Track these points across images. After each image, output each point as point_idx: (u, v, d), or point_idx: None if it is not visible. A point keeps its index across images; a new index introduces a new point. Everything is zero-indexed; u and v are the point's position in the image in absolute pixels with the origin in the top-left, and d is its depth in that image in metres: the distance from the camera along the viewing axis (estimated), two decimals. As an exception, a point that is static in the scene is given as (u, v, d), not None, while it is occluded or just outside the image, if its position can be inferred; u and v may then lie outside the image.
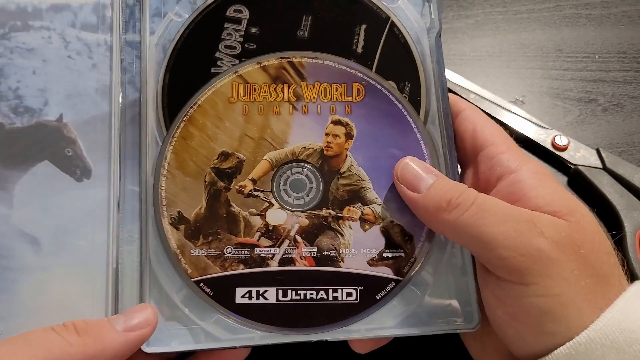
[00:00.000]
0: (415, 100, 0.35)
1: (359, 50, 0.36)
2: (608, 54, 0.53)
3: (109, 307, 0.32)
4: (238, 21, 0.36)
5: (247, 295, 0.32)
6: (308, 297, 0.32)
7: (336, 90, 0.35)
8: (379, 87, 0.34)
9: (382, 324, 0.32)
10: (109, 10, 0.36)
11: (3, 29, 0.34)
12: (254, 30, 0.36)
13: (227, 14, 0.36)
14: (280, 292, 0.32)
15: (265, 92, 0.34)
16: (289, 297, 0.32)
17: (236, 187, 0.33)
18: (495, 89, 0.50)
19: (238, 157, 0.34)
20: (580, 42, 0.53)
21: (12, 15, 0.35)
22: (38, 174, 0.33)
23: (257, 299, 0.32)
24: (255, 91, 0.34)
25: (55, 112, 0.34)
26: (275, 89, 0.35)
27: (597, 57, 0.53)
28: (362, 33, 0.36)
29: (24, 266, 0.31)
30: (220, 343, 0.32)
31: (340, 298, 0.32)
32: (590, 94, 0.51)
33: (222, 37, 0.36)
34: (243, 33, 0.36)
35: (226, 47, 0.35)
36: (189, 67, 0.35)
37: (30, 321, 0.31)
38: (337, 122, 0.34)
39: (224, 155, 0.34)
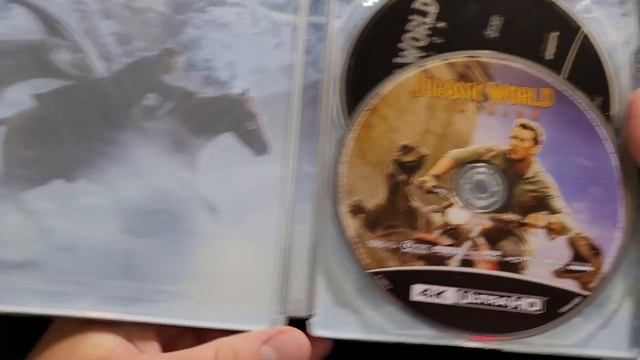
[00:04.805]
0: (604, 116, 0.34)
1: (547, 57, 0.35)
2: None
3: (277, 284, 0.32)
4: (426, 14, 0.35)
5: (425, 292, 0.31)
6: (488, 302, 0.31)
7: (524, 94, 0.33)
8: (569, 94, 0.33)
9: (562, 340, 0.30)
10: (297, -9, 0.36)
11: (201, 2, 0.35)
12: (441, 24, 0.35)
13: (415, 5, 0.35)
14: (460, 293, 0.31)
15: (450, 89, 0.34)
16: (468, 300, 0.31)
17: (417, 181, 0.32)
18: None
19: (420, 152, 0.33)
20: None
21: (209, -11, 0.35)
22: (221, 143, 0.33)
23: (435, 297, 0.31)
24: (440, 87, 0.34)
25: (240, 86, 0.34)
26: (461, 87, 0.34)
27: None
28: (552, 40, 0.35)
29: (204, 232, 0.32)
30: (388, 336, 0.31)
31: (521, 307, 0.30)
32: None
33: (408, 28, 0.35)
34: (430, 26, 0.35)
35: (411, 38, 0.35)
36: (373, 54, 0.35)
37: (206, 286, 0.31)
38: (524, 126, 0.33)
39: (406, 149, 0.33)
